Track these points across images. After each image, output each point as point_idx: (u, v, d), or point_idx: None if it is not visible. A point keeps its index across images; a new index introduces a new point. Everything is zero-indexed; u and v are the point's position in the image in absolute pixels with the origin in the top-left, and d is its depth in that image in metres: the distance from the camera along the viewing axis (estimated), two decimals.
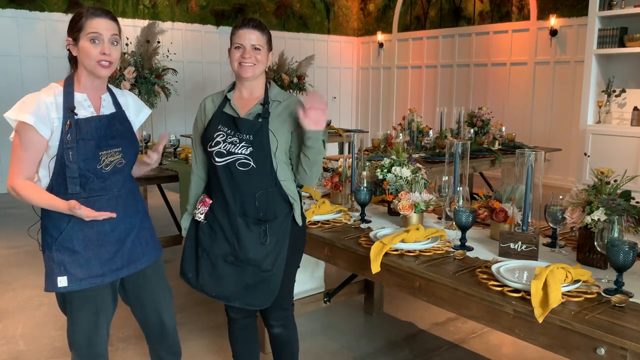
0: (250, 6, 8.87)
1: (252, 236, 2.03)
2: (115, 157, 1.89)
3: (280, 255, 2.07)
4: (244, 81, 2.07)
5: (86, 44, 1.81)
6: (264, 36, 2.04)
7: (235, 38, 2.03)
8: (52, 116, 1.81)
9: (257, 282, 2.06)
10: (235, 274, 2.06)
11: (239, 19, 2.08)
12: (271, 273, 2.06)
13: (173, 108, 8.19)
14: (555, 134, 7.61)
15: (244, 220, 2.03)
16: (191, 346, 2.96)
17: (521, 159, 2.07)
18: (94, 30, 1.80)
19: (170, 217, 4.63)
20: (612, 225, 1.71)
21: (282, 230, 2.07)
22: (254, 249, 2.03)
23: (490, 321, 1.76)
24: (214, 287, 2.09)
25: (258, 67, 2.03)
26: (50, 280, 1.87)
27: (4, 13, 6.94)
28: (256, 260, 2.03)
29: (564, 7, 7.36)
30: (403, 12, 9.52)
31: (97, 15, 1.83)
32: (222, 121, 2.06)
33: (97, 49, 1.81)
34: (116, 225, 1.92)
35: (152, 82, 4.92)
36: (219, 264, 2.07)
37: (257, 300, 2.08)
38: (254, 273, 2.05)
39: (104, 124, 1.88)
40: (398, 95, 9.85)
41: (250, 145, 1.99)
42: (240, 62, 2.01)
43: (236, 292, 2.07)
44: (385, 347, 3.02)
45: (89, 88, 1.90)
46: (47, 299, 3.61)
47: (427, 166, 3.90)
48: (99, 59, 1.82)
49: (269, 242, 2.04)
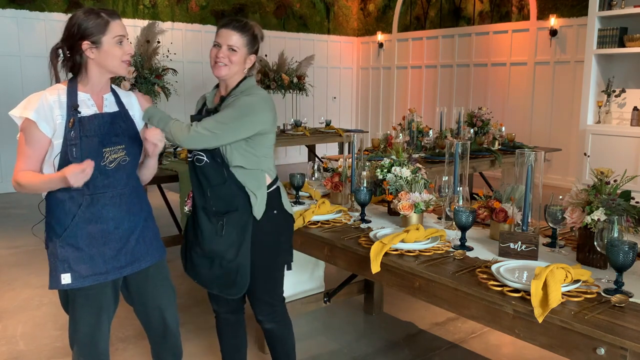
0: (250, 6, 8.87)
1: (211, 228, 2.10)
2: (119, 154, 1.92)
3: (243, 247, 2.10)
4: (220, 79, 2.13)
5: (112, 46, 1.86)
6: (243, 38, 2.06)
7: (215, 37, 2.08)
8: (55, 114, 1.83)
9: (225, 272, 2.13)
10: (205, 264, 2.16)
11: (225, 18, 2.12)
12: (236, 263, 2.11)
13: (173, 108, 8.17)
14: (555, 134, 7.61)
15: (205, 213, 2.10)
16: (191, 346, 2.96)
17: (521, 159, 2.07)
18: (120, 33, 1.87)
19: (170, 217, 4.63)
20: (612, 225, 1.71)
21: (242, 221, 2.10)
22: (214, 241, 2.10)
23: (490, 321, 1.76)
24: (195, 275, 2.21)
25: (231, 67, 2.06)
26: (54, 278, 1.89)
27: (4, 13, 6.95)
28: (219, 251, 2.10)
29: (564, 7, 7.36)
30: (403, 12, 9.52)
31: (116, 17, 1.88)
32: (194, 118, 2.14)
33: (122, 50, 1.88)
34: (120, 223, 1.94)
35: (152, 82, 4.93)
36: (194, 255, 2.18)
37: (229, 289, 2.15)
38: (221, 264, 2.12)
39: (107, 121, 1.91)
40: (398, 95, 9.85)
41: None
42: (215, 60, 2.06)
43: (210, 280, 2.17)
44: (385, 347, 3.02)
45: (95, 88, 1.92)
46: (47, 299, 3.61)
47: (427, 166, 3.90)
48: (124, 59, 1.89)
49: (228, 234, 2.08)
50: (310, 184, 3.15)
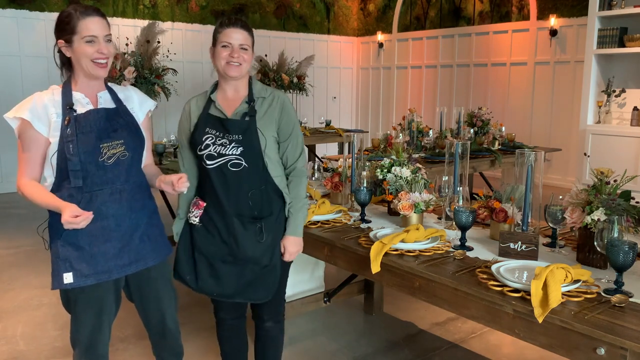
0: (250, 6, 8.87)
1: (248, 235, 2.04)
2: (118, 149, 1.90)
3: (277, 250, 2.11)
4: (229, 80, 2.07)
5: (82, 45, 1.82)
6: (250, 37, 2.07)
7: (222, 36, 2.02)
8: (50, 112, 1.83)
9: (258, 277, 2.09)
10: (235, 272, 2.08)
11: (222, 18, 2.08)
12: (270, 267, 2.09)
13: (173, 108, 8.17)
14: (555, 134, 7.61)
15: (240, 219, 2.04)
16: (191, 346, 2.96)
17: (521, 159, 2.07)
18: (90, 33, 1.82)
19: (171, 217, 4.62)
20: (612, 225, 1.71)
21: (277, 225, 2.11)
22: (252, 247, 2.05)
23: (490, 321, 1.76)
24: (215, 287, 2.10)
25: (244, 66, 2.04)
26: (57, 278, 1.88)
27: (4, 13, 6.95)
28: (255, 257, 2.06)
29: (564, 7, 7.36)
30: (403, 12, 9.52)
31: (88, 15, 1.82)
32: (209, 123, 2.05)
33: (94, 49, 1.83)
34: (121, 221, 1.92)
35: (152, 82, 4.93)
36: (217, 265, 2.09)
37: (258, 294, 2.11)
38: (253, 270, 2.08)
39: (103, 116, 1.89)
40: (398, 95, 9.85)
41: (240, 145, 2.01)
42: (228, 61, 2.01)
43: (237, 289, 2.09)
44: (385, 347, 3.02)
45: (85, 88, 1.91)
46: (47, 299, 3.61)
47: (427, 166, 3.90)
48: (95, 57, 1.83)
49: (266, 239, 2.06)
50: (310, 184, 3.14)
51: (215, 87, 2.14)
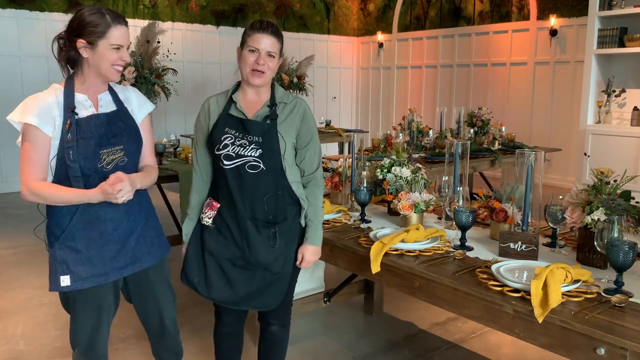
0: (250, 6, 8.87)
1: (261, 239, 2.01)
2: (117, 155, 1.89)
3: (289, 257, 2.07)
4: (251, 85, 2.03)
5: (108, 51, 1.82)
6: (279, 43, 2.01)
7: (250, 40, 1.96)
8: (55, 114, 1.81)
9: (267, 284, 2.05)
10: (244, 277, 2.05)
11: (255, 20, 2.00)
12: (281, 275, 2.06)
13: (173, 108, 8.19)
14: (555, 134, 7.61)
15: (254, 223, 2.01)
16: (191, 346, 2.96)
17: (521, 159, 2.07)
18: (118, 42, 1.83)
19: (171, 217, 4.63)
20: (612, 225, 1.71)
21: (291, 231, 2.07)
22: (264, 252, 2.01)
23: (490, 321, 1.76)
24: (224, 291, 2.05)
25: (268, 75, 1.99)
26: (54, 280, 1.87)
27: (4, 13, 6.94)
28: (266, 263, 2.02)
29: (564, 7, 7.36)
30: (403, 12, 9.52)
31: (119, 24, 1.83)
32: (229, 123, 2.01)
33: (118, 55, 1.84)
34: (119, 224, 1.92)
35: (152, 82, 4.92)
36: (227, 268, 2.05)
37: (266, 302, 2.08)
38: (264, 276, 2.04)
39: (104, 122, 1.88)
40: (398, 95, 9.85)
41: (259, 148, 1.97)
42: (253, 67, 1.95)
43: (246, 295, 2.05)
44: (385, 347, 3.02)
45: (91, 89, 1.90)
46: (47, 299, 3.61)
47: (427, 166, 3.90)
48: (117, 63, 1.85)
49: (279, 245, 2.02)
50: None
51: (237, 87, 2.09)
